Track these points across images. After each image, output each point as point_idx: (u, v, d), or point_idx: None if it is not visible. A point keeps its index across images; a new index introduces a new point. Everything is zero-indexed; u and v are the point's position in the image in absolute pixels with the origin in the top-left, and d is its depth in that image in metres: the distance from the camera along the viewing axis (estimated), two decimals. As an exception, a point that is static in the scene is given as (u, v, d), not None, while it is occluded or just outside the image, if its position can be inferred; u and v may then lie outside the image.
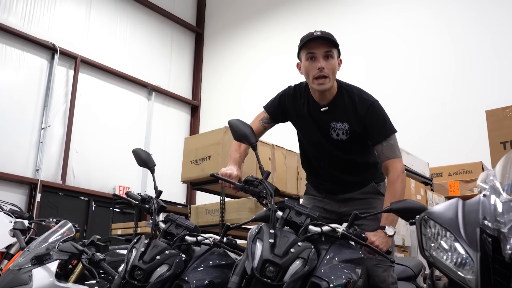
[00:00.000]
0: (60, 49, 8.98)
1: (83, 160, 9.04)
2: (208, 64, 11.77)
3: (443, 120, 7.54)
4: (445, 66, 7.77)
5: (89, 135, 9.26)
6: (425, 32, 8.10)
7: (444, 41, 7.87)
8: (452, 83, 7.64)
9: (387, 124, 2.43)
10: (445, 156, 7.07)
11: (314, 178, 2.70)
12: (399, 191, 2.31)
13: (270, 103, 2.67)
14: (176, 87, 11.36)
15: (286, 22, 10.05)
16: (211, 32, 11.96)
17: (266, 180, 2.10)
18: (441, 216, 1.47)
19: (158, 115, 10.74)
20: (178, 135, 10.88)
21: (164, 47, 11.26)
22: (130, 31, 10.47)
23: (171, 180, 9.10)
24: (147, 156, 2.64)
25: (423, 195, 5.21)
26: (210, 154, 5.10)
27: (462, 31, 7.70)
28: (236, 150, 2.54)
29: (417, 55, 8.11)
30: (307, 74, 2.43)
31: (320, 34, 2.36)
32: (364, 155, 2.57)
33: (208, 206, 5.21)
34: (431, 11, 8.12)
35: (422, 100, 7.87)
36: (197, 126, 11.44)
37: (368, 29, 8.81)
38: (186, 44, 11.90)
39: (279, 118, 2.67)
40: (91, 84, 9.53)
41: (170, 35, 11.49)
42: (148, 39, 10.89)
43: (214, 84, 11.46)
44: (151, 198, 2.61)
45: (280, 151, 5.45)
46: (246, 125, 2.22)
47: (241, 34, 11.00)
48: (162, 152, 10.31)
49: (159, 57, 11.08)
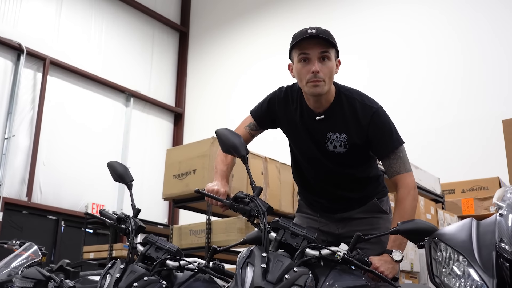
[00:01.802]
0: (27, 49, 8.95)
1: (51, 175, 8.98)
2: (193, 67, 11.79)
3: (456, 130, 7.59)
4: (462, 73, 7.80)
5: (59, 146, 9.20)
6: (432, 33, 8.16)
7: (452, 44, 7.93)
8: (466, 89, 7.68)
9: (393, 134, 2.39)
10: (458, 170, 7.10)
11: (308, 194, 2.67)
12: (409, 210, 2.30)
13: (257, 107, 2.63)
14: (158, 92, 11.35)
15: (280, 20, 10.11)
16: (197, 31, 11.99)
17: (258, 197, 2.10)
18: (453, 238, 1.47)
19: (137, 123, 10.72)
20: (159, 146, 10.85)
21: (144, 48, 11.27)
22: (106, 30, 10.48)
23: (151, 197, 9.04)
24: (124, 170, 2.62)
25: (433, 214, 5.22)
26: (195, 168, 5.08)
27: (472, 33, 7.78)
28: (222, 161, 2.51)
29: (424, 59, 8.15)
30: (300, 78, 2.37)
31: (315, 32, 2.28)
32: (364, 168, 2.55)
33: (192, 227, 5.18)
34: (439, 11, 8.18)
35: (432, 108, 7.92)
36: (181, 136, 11.43)
37: (369, 30, 8.88)
38: (169, 45, 11.92)
39: (267, 125, 2.63)
40: (62, 89, 9.49)
41: (151, 35, 11.51)
42: (126, 39, 10.90)
43: (200, 89, 11.47)
44: (128, 217, 2.59)
45: (273, 164, 5.44)
46: (236, 135, 2.21)
47: (231, 33, 11.05)
48: (141, 165, 10.27)
49: (138, 59, 11.08)
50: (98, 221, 2.66)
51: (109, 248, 6.64)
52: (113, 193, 9.75)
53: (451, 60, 7.91)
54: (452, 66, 7.88)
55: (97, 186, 9.39)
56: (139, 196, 9.38)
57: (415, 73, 8.21)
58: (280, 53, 9.08)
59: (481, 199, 6.08)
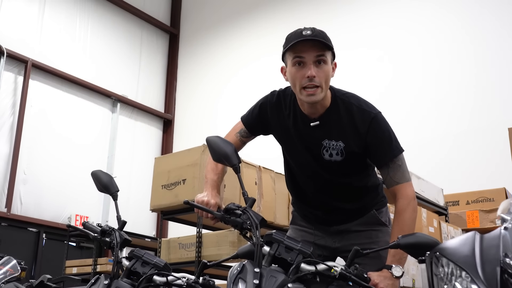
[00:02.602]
0: (7, 51, 8.93)
1: (32, 184, 8.94)
2: (184, 71, 11.79)
3: (461, 139, 7.60)
4: (465, 78, 7.82)
5: (40, 154, 9.17)
6: (444, 36, 8.16)
7: (464, 53, 7.91)
8: (472, 98, 7.68)
9: (393, 142, 2.40)
10: (462, 181, 7.11)
11: (302, 205, 2.67)
12: (408, 222, 2.31)
13: (248, 113, 2.64)
14: (146, 97, 11.34)
15: (275, 21, 10.12)
16: (188, 33, 12.01)
17: (250, 208, 2.10)
18: (456, 252, 1.48)
19: (124, 130, 10.70)
20: (147, 154, 10.83)
21: (132, 50, 11.28)
22: (92, 31, 10.48)
23: (138, 208, 9.01)
24: (109, 180, 2.62)
25: (436, 227, 5.22)
26: (185, 178, 5.07)
27: (485, 39, 7.78)
28: (213, 170, 2.50)
29: (436, 64, 8.14)
30: (294, 82, 2.36)
31: (310, 34, 2.28)
32: (362, 177, 2.55)
33: (182, 240, 5.17)
34: (452, 13, 8.19)
35: (434, 116, 7.95)
36: (170, 143, 11.41)
37: (375, 31, 8.92)
38: (158, 47, 11.93)
39: (259, 131, 2.64)
40: (44, 93, 9.47)
41: (140, 36, 11.52)
42: (113, 41, 10.90)
43: (191, 94, 11.47)
44: (113, 230, 2.59)
45: (268, 174, 5.44)
46: (228, 144, 2.22)
47: (224, 35, 11.07)
48: (127, 174, 10.24)
49: (125, 62, 11.08)
50: (81, 234, 2.64)
51: (93, 262, 6.60)
52: (97, 204, 9.71)
53: (461, 68, 7.89)
54: (463, 74, 7.87)
55: (81, 197, 9.34)
56: (125, 207, 9.34)
57: (428, 80, 8.19)
58: (276, 54, 9.16)
59: (487, 211, 6.09)
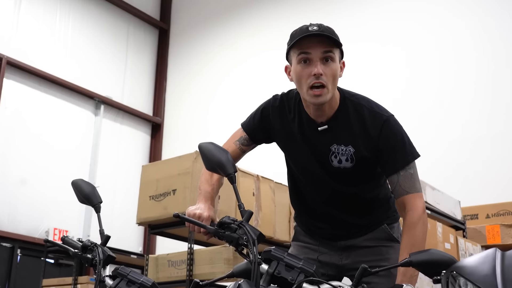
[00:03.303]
0: (-20, 47, 8.95)
1: (6, 194, 8.92)
2: (174, 69, 11.81)
3: (480, 145, 7.61)
4: (482, 79, 7.85)
5: (16, 161, 9.16)
6: (461, 34, 8.18)
7: (483, 54, 7.94)
8: (490, 100, 7.72)
9: (407, 147, 2.41)
10: (482, 192, 7.12)
11: (307, 219, 2.67)
12: (420, 237, 2.31)
13: (249, 119, 2.65)
14: (132, 99, 11.35)
15: (275, 15, 10.16)
16: (179, 28, 12.04)
17: (247, 222, 2.09)
18: (474, 271, 1.48)
19: (108, 135, 10.69)
20: (133, 161, 10.82)
21: (117, 47, 11.29)
22: (73, 26, 10.48)
23: (123, 221, 9.00)
24: (91, 190, 2.62)
25: (453, 243, 5.22)
26: (175, 188, 5.07)
27: (505, 38, 7.81)
28: (207, 181, 2.51)
29: (453, 66, 8.16)
30: (299, 82, 2.38)
31: (317, 30, 2.30)
32: (373, 187, 2.56)
33: (171, 256, 5.16)
34: (470, 11, 8.20)
35: (450, 120, 7.96)
36: (159, 150, 11.41)
37: (388, 25, 8.95)
38: (146, 44, 11.94)
39: (261, 139, 2.65)
40: (20, 94, 9.47)
41: (126, 32, 11.53)
42: (97, 37, 10.91)
43: (182, 95, 11.48)
44: (95, 246, 2.59)
45: (267, 184, 5.44)
46: (222, 150, 2.21)
47: (219, 30, 11.08)
48: (111, 184, 10.23)
49: (110, 60, 11.09)
50: (60, 249, 2.65)
51: (73, 281, 6.60)
52: (78, 217, 9.70)
53: (479, 69, 7.93)
54: (480, 75, 7.89)
55: (60, 209, 9.33)
56: (109, 220, 9.34)
57: (445, 82, 8.22)
58: (274, 49, 9.18)
59: (509, 225, 6.10)
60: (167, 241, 6.22)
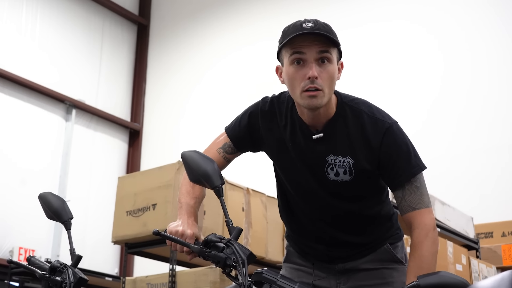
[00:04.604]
0: None
1: (-35, 209, 8.89)
2: (155, 70, 11.81)
3: (494, 157, 7.63)
4: (499, 89, 7.90)
5: (-24, 172, 9.13)
6: (491, 35, 8.22)
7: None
8: (505, 109, 7.75)
9: (412, 157, 2.40)
10: (497, 208, 7.15)
11: (300, 238, 2.65)
12: (428, 258, 2.31)
13: (234, 123, 2.62)
14: (108, 102, 11.33)
15: (263, 7, 10.22)
16: (160, 23, 12.05)
17: (236, 240, 2.09)
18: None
19: (81, 143, 10.67)
20: (109, 172, 10.80)
21: (91, 44, 11.28)
22: (42, 20, 10.46)
23: (97, 239, 8.98)
24: (61, 204, 2.61)
25: (465, 265, 5.24)
26: (155, 202, 5.06)
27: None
28: (188, 192, 2.48)
29: (485, 69, 8.18)
30: (292, 85, 2.35)
31: (312, 27, 2.26)
32: (374, 203, 2.55)
33: (151, 279, 5.14)
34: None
35: (463, 130, 7.98)
36: (138, 159, 11.40)
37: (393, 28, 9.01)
38: (123, 41, 11.94)
39: (247, 146, 2.63)
40: (-19, 97, 9.46)
41: (101, 28, 11.53)
42: (69, 33, 10.90)
43: (162, 98, 11.48)
44: (65, 267, 2.57)
45: (258, 198, 5.44)
46: (208, 160, 2.20)
47: (203, 26, 11.10)
48: (84, 198, 10.21)
49: (83, 58, 11.08)
50: (26, 271, 2.65)
51: (40, 307, 6.56)
52: (46, 235, 9.66)
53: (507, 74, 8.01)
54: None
55: (26, 226, 9.29)
56: (81, 238, 9.31)
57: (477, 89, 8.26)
58: (262, 41, 9.22)
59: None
60: (146, 262, 6.21)
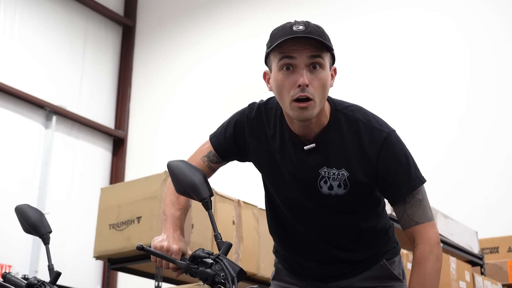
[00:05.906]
0: None
1: None
2: (140, 74, 11.80)
3: (500, 167, 7.65)
4: (503, 103, 7.92)
5: (-51, 182, 9.11)
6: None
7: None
8: (507, 114, 7.79)
9: (412, 169, 2.38)
10: (503, 222, 7.16)
11: (290, 255, 2.63)
12: (431, 275, 2.30)
13: (219, 131, 2.60)
14: (91, 109, 11.31)
15: (255, 6, 10.25)
16: (147, 25, 12.06)
17: (225, 256, 2.09)
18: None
19: (61, 151, 10.64)
20: (91, 183, 10.78)
21: (73, 47, 11.26)
22: (20, 21, 10.45)
23: (78, 254, 8.96)
24: (39, 217, 2.60)
25: (469, 282, 5.24)
26: (140, 215, 5.05)
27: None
28: (173, 204, 2.47)
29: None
30: (281, 93, 2.31)
31: (303, 30, 2.22)
32: (370, 217, 2.54)
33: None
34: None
35: (464, 137, 8.00)
36: (122, 169, 11.38)
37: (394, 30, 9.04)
38: (107, 43, 11.93)
39: (232, 156, 2.61)
40: (-45, 102, 9.44)
41: (84, 29, 11.52)
42: (49, 35, 10.88)
43: (148, 105, 11.47)
44: (43, 284, 2.56)
45: (249, 210, 5.43)
46: (196, 171, 2.19)
47: (192, 27, 11.11)
48: (64, 210, 10.18)
49: (65, 62, 11.06)
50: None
51: (17, 326, 6.53)
52: (23, 250, 9.62)
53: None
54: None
55: (2, 240, 9.25)
56: (60, 253, 9.29)
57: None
58: (251, 40, 9.21)
59: (535, 261, 6.15)
60: (130, 278, 6.20)
